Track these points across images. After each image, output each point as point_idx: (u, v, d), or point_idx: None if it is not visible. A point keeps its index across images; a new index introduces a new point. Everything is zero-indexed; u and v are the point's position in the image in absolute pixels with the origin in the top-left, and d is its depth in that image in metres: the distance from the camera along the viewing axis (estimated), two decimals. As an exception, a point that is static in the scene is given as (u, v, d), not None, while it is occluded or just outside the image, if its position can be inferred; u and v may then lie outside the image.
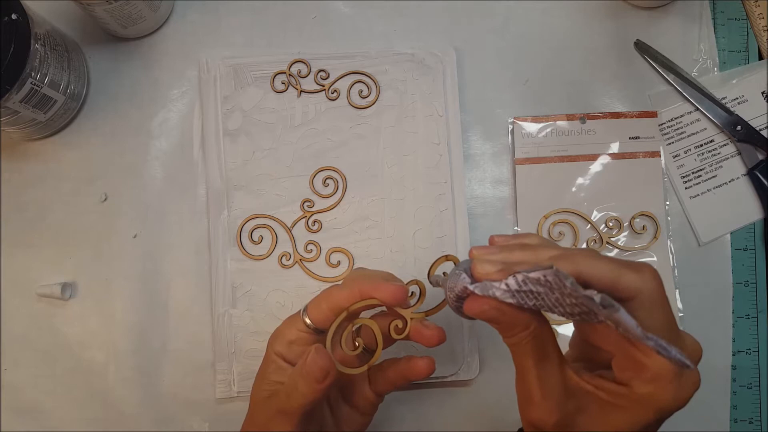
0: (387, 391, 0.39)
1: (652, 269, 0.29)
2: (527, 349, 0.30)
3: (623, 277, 0.29)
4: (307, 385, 0.34)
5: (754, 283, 0.52)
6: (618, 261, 0.30)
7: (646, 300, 0.29)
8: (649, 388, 0.28)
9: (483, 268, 0.30)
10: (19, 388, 0.49)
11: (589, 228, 0.51)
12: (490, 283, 0.29)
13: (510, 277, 0.28)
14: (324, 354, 0.34)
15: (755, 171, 0.51)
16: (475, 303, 0.30)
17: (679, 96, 0.53)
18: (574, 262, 0.29)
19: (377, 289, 0.34)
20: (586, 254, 0.30)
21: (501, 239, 0.34)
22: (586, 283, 0.28)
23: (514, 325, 0.30)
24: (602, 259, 0.29)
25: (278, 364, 0.36)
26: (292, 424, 0.35)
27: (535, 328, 0.30)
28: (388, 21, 0.53)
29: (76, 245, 0.50)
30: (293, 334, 0.36)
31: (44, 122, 0.48)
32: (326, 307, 0.35)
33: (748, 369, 0.51)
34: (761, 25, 0.53)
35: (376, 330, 0.36)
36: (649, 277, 0.29)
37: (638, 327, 0.25)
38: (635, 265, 0.29)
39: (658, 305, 0.29)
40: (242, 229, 0.49)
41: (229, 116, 0.50)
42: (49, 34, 0.45)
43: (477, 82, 0.52)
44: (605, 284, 0.28)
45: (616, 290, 0.28)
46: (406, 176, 0.50)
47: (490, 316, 0.30)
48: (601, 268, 0.29)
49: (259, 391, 0.37)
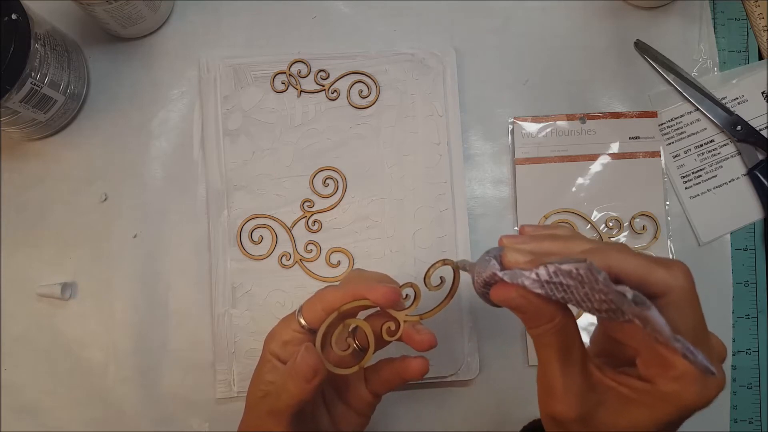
0: (383, 391, 0.39)
1: (684, 267, 0.29)
2: (551, 341, 0.30)
3: (654, 274, 0.28)
4: (296, 385, 0.34)
5: (754, 283, 0.52)
6: (650, 257, 0.29)
7: (677, 298, 0.28)
8: (674, 386, 0.28)
9: (513, 256, 0.30)
10: (19, 388, 0.49)
11: (589, 228, 0.51)
12: (520, 272, 0.29)
13: (541, 267, 0.28)
14: (313, 353, 0.34)
15: (755, 171, 0.51)
16: (503, 290, 0.30)
17: (679, 96, 0.53)
18: (605, 256, 0.28)
19: (370, 290, 0.34)
20: (618, 249, 0.29)
21: (531, 229, 0.33)
22: (617, 277, 0.28)
23: (539, 315, 0.29)
24: (634, 254, 0.29)
25: (273, 364, 0.36)
26: (283, 425, 0.34)
27: (560, 320, 0.29)
28: (388, 21, 0.53)
29: (76, 245, 0.50)
30: (288, 334, 0.36)
31: (44, 122, 0.48)
32: (320, 307, 0.35)
33: (748, 369, 0.51)
34: (761, 25, 0.53)
35: (368, 331, 0.36)
36: (681, 275, 0.28)
37: (667, 327, 0.25)
38: (667, 262, 0.29)
39: (689, 304, 0.28)
40: (242, 229, 0.49)
41: (229, 116, 0.50)
42: (49, 34, 0.45)
43: (477, 82, 0.52)
44: (636, 280, 0.28)
45: (647, 286, 0.28)
46: (406, 176, 0.50)
47: (517, 304, 0.29)
48: (632, 263, 0.28)
49: (254, 391, 0.37)
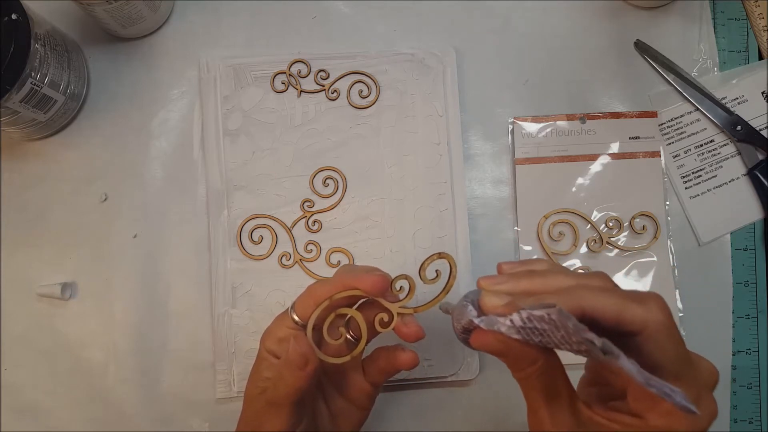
0: (380, 379, 0.39)
1: (660, 300, 0.29)
2: (536, 383, 0.30)
3: (628, 311, 0.28)
4: (290, 374, 0.34)
5: (754, 283, 0.52)
6: (624, 294, 0.29)
7: (654, 333, 0.28)
8: (664, 420, 0.28)
9: (490, 301, 0.30)
10: (19, 388, 0.49)
11: (589, 228, 0.51)
12: (495, 318, 0.29)
13: (515, 314, 0.28)
14: (303, 341, 0.35)
15: (755, 171, 0.51)
16: (481, 337, 0.30)
17: (679, 96, 0.53)
18: (578, 297, 0.28)
19: (358, 279, 0.35)
20: (592, 287, 0.29)
21: (508, 267, 0.33)
22: (592, 317, 0.28)
23: (521, 359, 0.30)
24: (607, 292, 0.29)
25: (270, 362, 0.37)
26: (282, 415, 0.35)
27: (543, 362, 0.30)
28: (388, 21, 0.53)
29: (76, 245, 0.50)
30: (283, 331, 0.37)
31: (44, 122, 0.48)
32: (312, 302, 0.36)
33: (748, 369, 0.51)
34: (761, 25, 0.53)
35: (360, 321, 0.36)
36: (656, 309, 0.28)
37: (640, 373, 0.25)
38: (641, 297, 0.29)
39: (667, 337, 0.28)
40: (242, 229, 0.49)
41: (229, 116, 0.50)
42: (49, 34, 0.45)
43: (477, 82, 0.52)
44: (611, 319, 0.28)
45: (622, 324, 0.28)
46: (406, 176, 0.50)
47: (497, 350, 0.30)
48: (606, 302, 0.28)
49: (252, 388, 0.37)
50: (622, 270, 0.50)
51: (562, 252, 0.50)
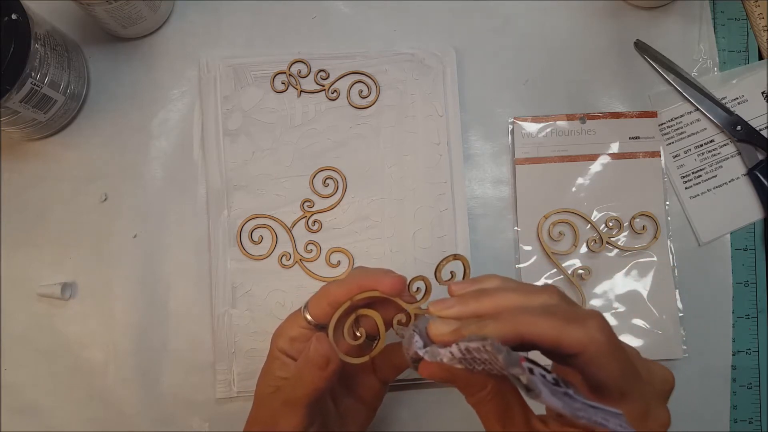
0: (392, 377, 0.40)
1: (599, 320, 0.28)
2: (490, 407, 0.30)
3: (566, 335, 0.27)
4: (311, 373, 0.34)
5: (754, 283, 0.52)
6: (564, 315, 0.28)
7: (594, 354, 0.28)
8: None
9: (437, 329, 0.30)
10: (19, 388, 0.49)
11: (589, 228, 0.51)
12: (437, 350, 0.29)
13: (453, 345, 0.28)
14: (325, 341, 0.35)
15: (755, 171, 0.51)
16: (428, 367, 0.30)
17: (679, 96, 0.53)
18: (515, 323, 0.28)
19: (378, 281, 0.35)
20: (532, 310, 0.29)
21: (457, 288, 0.33)
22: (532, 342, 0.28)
23: (470, 386, 0.30)
24: (546, 315, 0.28)
25: (282, 361, 0.37)
26: (299, 415, 0.35)
27: (492, 386, 0.30)
28: (388, 21, 0.53)
29: (76, 245, 0.50)
30: (295, 330, 0.37)
31: (44, 122, 0.48)
32: (326, 303, 0.36)
33: (748, 369, 0.51)
34: (761, 25, 0.53)
35: (378, 321, 0.36)
36: (595, 329, 0.28)
37: (566, 407, 0.25)
38: (581, 317, 0.28)
39: (608, 357, 0.28)
40: (242, 229, 0.49)
41: (229, 116, 0.50)
42: (49, 34, 0.45)
43: (477, 82, 0.52)
44: (549, 343, 0.28)
45: (561, 348, 0.27)
46: (406, 176, 0.50)
47: (444, 378, 0.30)
48: (543, 327, 0.28)
49: (263, 387, 0.37)
50: (622, 270, 0.50)
51: (562, 252, 0.50)
